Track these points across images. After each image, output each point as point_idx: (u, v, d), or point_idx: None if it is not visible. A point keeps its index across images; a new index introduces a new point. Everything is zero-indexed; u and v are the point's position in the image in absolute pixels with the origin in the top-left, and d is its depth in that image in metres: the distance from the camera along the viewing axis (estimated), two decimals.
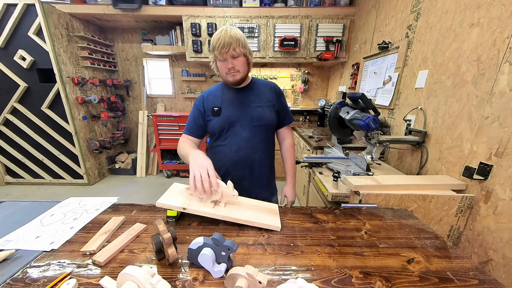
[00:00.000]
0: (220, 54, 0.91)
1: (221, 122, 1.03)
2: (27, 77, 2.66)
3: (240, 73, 0.97)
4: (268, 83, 1.12)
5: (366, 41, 2.36)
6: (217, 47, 0.89)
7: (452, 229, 1.13)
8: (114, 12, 2.74)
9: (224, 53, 0.90)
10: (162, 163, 3.37)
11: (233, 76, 0.97)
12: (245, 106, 1.04)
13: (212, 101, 1.06)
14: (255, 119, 1.03)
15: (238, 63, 0.95)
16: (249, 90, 1.07)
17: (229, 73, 0.96)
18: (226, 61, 0.93)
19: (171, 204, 0.75)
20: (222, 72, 0.98)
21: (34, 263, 0.59)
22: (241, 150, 1.03)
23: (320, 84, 3.61)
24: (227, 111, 1.03)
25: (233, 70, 0.95)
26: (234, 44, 0.89)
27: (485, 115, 1.05)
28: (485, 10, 1.08)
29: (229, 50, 0.89)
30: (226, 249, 0.55)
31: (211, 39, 0.92)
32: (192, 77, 3.55)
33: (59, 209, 0.86)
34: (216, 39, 0.89)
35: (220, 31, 0.89)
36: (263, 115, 1.05)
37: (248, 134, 1.03)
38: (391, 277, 0.56)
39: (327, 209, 0.89)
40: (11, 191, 2.96)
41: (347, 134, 1.59)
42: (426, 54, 1.46)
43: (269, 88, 1.10)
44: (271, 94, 1.09)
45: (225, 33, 0.88)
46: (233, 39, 0.88)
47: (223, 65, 0.95)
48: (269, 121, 1.07)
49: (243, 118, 1.03)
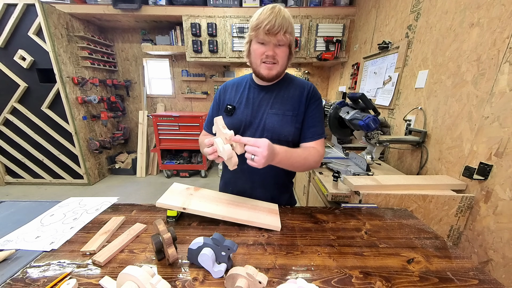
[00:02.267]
0: (266, 35, 0.73)
1: (230, 125, 0.86)
2: (27, 77, 2.66)
3: (277, 66, 0.80)
4: (302, 85, 0.89)
5: (366, 41, 2.36)
6: (265, 25, 0.71)
7: (452, 229, 1.13)
8: (114, 12, 2.74)
9: (272, 34, 0.72)
10: (162, 163, 3.37)
11: (269, 69, 0.80)
12: (261, 111, 0.87)
13: (230, 95, 0.92)
14: (267, 130, 0.86)
15: (281, 53, 0.78)
16: (275, 90, 0.88)
17: (265, 62, 0.79)
18: (267, 46, 0.76)
19: (171, 204, 0.75)
20: (257, 58, 0.79)
21: (34, 263, 0.59)
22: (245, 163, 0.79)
23: (320, 84, 3.61)
24: (241, 113, 0.88)
25: (271, 60, 0.78)
26: (286, 27, 0.72)
27: (485, 115, 1.05)
28: (485, 10, 1.08)
29: (278, 33, 0.72)
30: (226, 249, 0.55)
31: (255, 15, 0.75)
32: (192, 77, 3.55)
33: (59, 209, 0.86)
34: (265, 15, 0.72)
35: (272, 8, 0.72)
36: (278, 127, 0.85)
37: None
38: (391, 277, 0.56)
39: (327, 209, 0.89)
40: (11, 191, 2.96)
41: (347, 134, 1.59)
42: (426, 54, 1.46)
43: (300, 91, 0.87)
44: (300, 100, 0.87)
45: (279, 11, 0.72)
46: (286, 22, 0.72)
47: (260, 49, 0.77)
48: (284, 135, 0.86)
49: (255, 125, 0.87)
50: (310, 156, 0.84)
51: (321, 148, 0.88)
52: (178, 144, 3.28)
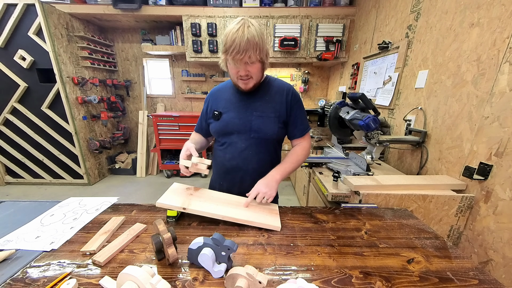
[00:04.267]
0: (232, 60, 0.79)
1: (218, 128, 0.96)
2: (27, 77, 2.66)
3: (253, 80, 0.87)
4: (282, 87, 0.97)
5: (366, 41, 2.36)
6: (230, 51, 0.76)
7: (452, 229, 1.13)
8: (114, 12, 2.74)
9: (238, 60, 0.78)
10: (162, 163, 3.37)
11: (245, 84, 0.87)
12: (246, 114, 0.93)
13: (216, 100, 0.99)
14: (254, 130, 0.93)
15: (253, 70, 0.83)
16: (257, 94, 0.94)
17: (240, 79, 0.86)
18: (240, 65, 0.81)
19: (171, 204, 0.75)
20: (233, 76, 0.87)
21: (34, 263, 0.59)
22: (234, 160, 0.96)
23: (320, 84, 3.61)
24: (227, 117, 0.95)
25: (245, 77, 0.84)
26: (250, 51, 0.76)
27: (485, 115, 1.05)
28: (485, 10, 1.08)
29: (243, 57, 0.77)
30: (226, 249, 0.55)
31: (224, 36, 0.78)
32: (192, 77, 3.55)
33: (59, 209, 0.86)
34: (230, 40, 0.75)
35: (236, 31, 0.75)
36: (263, 127, 0.93)
37: (244, 145, 0.94)
38: (391, 277, 0.56)
39: (327, 209, 0.89)
40: (11, 191, 2.96)
41: (347, 134, 1.59)
42: (426, 54, 1.46)
43: (280, 93, 0.95)
44: (281, 101, 0.95)
45: (242, 35, 0.74)
46: (250, 45, 0.75)
47: (234, 70, 0.84)
48: (269, 134, 0.94)
49: (241, 127, 0.94)
50: (300, 155, 0.99)
51: (308, 140, 1.03)
52: (178, 144, 3.28)
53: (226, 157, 0.98)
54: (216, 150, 1.04)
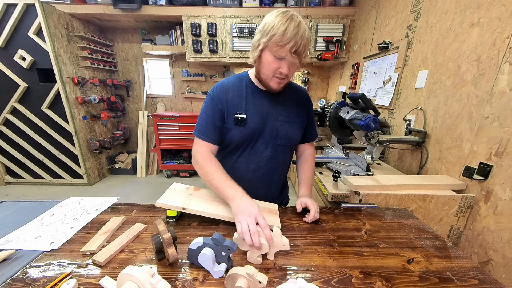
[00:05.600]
0: (287, 52, 0.68)
1: (243, 135, 0.83)
2: (27, 77, 2.66)
3: (286, 80, 0.78)
4: (301, 91, 0.92)
5: (366, 41, 2.36)
6: (291, 46, 0.67)
7: (452, 229, 1.13)
8: (114, 12, 2.74)
9: (296, 54, 0.70)
10: (162, 163, 3.37)
11: (278, 84, 0.78)
12: (271, 119, 0.84)
13: (234, 102, 0.83)
14: (281, 137, 0.86)
15: (293, 69, 0.75)
16: (279, 97, 0.86)
17: (276, 77, 0.76)
18: (284, 62, 0.72)
19: (171, 204, 0.75)
20: (269, 72, 0.75)
21: (34, 263, 0.59)
22: (259, 170, 0.87)
23: (320, 84, 3.61)
24: (253, 122, 0.82)
25: (283, 76, 0.75)
26: (307, 47, 0.71)
27: (485, 115, 1.05)
28: (485, 10, 1.08)
29: (300, 52, 0.70)
30: (226, 249, 0.55)
31: (273, 24, 0.68)
32: (192, 77, 3.55)
33: (59, 209, 0.86)
34: (291, 35, 0.66)
35: (297, 27, 0.67)
36: (290, 134, 0.87)
37: (270, 153, 0.86)
38: (391, 277, 0.56)
39: (327, 209, 0.89)
40: (11, 191, 2.96)
41: (347, 134, 1.59)
42: (426, 54, 1.46)
43: (301, 97, 0.91)
44: (302, 106, 0.90)
45: (304, 32, 0.68)
46: (307, 42, 0.70)
47: (275, 64, 0.73)
48: (295, 141, 0.91)
49: (267, 133, 0.84)
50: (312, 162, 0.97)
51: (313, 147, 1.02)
52: (178, 144, 3.28)
53: (249, 168, 0.88)
54: (230, 162, 0.90)
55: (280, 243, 0.59)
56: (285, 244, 0.60)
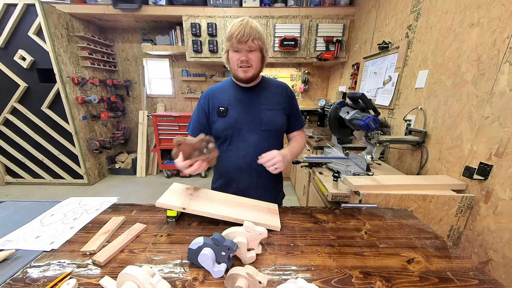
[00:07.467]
0: (238, 43, 0.84)
1: (227, 124, 0.95)
2: (27, 77, 2.66)
3: (252, 69, 0.90)
4: (279, 84, 1.05)
5: (366, 41, 2.36)
6: (236, 35, 0.82)
7: (452, 229, 1.13)
8: (114, 12, 2.74)
9: (243, 42, 0.83)
10: (162, 163, 3.37)
11: (244, 72, 0.90)
12: (254, 108, 0.97)
13: (218, 99, 0.98)
14: (264, 123, 0.96)
15: (253, 58, 0.88)
16: (259, 90, 0.99)
17: (241, 67, 0.89)
18: (241, 52, 0.87)
19: (171, 204, 0.75)
20: (234, 64, 0.90)
21: (34, 263, 0.59)
22: (249, 156, 0.95)
23: (320, 84, 3.61)
24: (234, 112, 0.96)
25: (246, 64, 0.88)
26: (254, 35, 0.83)
27: (485, 115, 1.05)
28: (485, 10, 1.08)
29: (248, 41, 0.83)
30: (226, 249, 0.55)
31: (229, 28, 0.86)
32: (192, 77, 3.55)
33: (59, 209, 0.86)
34: (235, 27, 0.83)
35: (241, 20, 0.84)
36: (273, 119, 0.97)
37: (256, 139, 0.96)
38: (391, 277, 0.56)
39: (327, 209, 0.89)
40: (11, 191, 2.96)
41: (347, 134, 1.60)
42: (426, 54, 1.46)
43: (281, 89, 1.03)
44: (282, 96, 1.02)
45: (247, 23, 0.83)
46: (254, 31, 0.83)
47: (235, 56, 0.88)
48: (279, 126, 1.00)
49: (251, 121, 0.96)
50: (302, 142, 1.08)
51: (305, 133, 1.14)
52: None
53: (239, 154, 0.97)
54: (222, 153, 0.97)
55: (256, 232, 0.60)
56: (261, 232, 0.61)
